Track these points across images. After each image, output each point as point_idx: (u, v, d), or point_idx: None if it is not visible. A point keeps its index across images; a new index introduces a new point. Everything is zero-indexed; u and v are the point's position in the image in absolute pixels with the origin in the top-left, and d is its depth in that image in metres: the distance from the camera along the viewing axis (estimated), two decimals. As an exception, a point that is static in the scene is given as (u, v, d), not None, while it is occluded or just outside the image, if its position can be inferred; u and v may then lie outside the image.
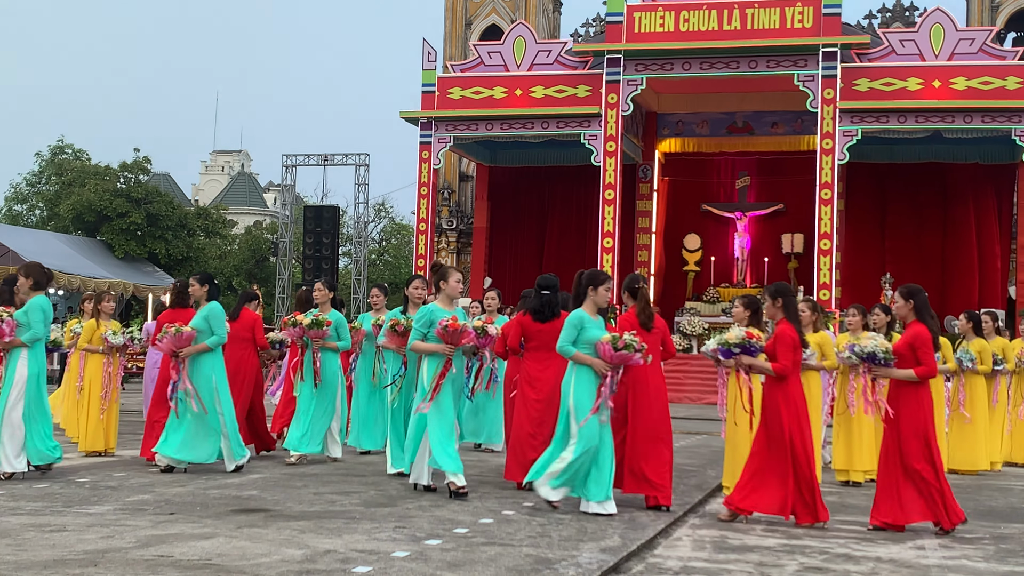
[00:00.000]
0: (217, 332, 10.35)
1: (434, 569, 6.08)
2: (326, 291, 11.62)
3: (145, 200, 39.42)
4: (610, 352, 8.31)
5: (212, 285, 10.70)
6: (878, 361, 8.41)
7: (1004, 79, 26.10)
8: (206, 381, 10.18)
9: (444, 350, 9.00)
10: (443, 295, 9.29)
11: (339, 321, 11.46)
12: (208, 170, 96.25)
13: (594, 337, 8.41)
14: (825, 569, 6.70)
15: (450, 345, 8.98)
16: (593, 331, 8.47)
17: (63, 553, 6.27)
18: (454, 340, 8.98)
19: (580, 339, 8.45)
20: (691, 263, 32.33)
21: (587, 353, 8.42)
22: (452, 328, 8.93)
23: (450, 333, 8.95)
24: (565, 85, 28.30)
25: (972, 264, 29.89)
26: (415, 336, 9.16)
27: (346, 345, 11.63)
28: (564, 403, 8.52)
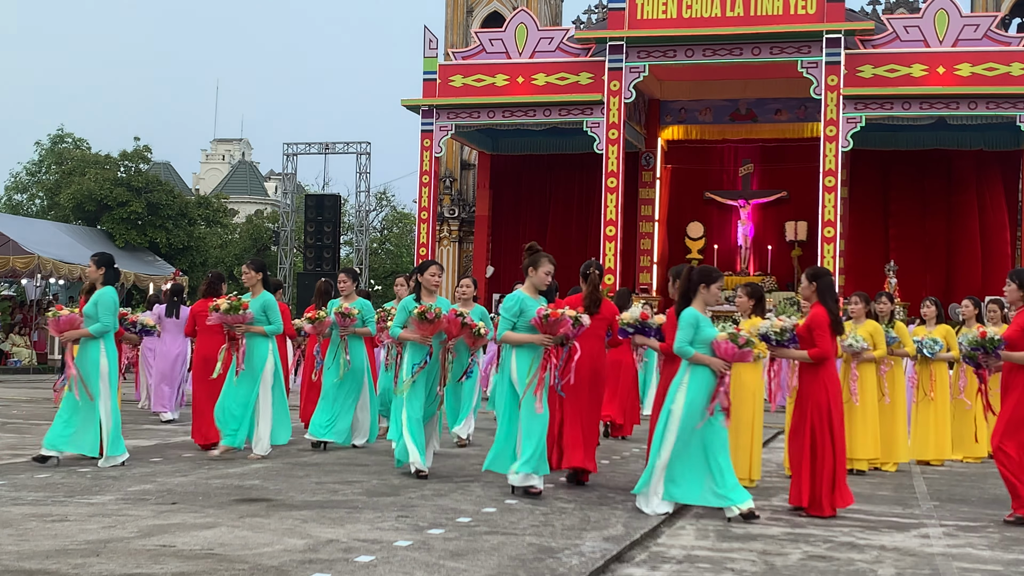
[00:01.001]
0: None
1: (437, 558, 6.06)
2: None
3: (146, 189, 39.36)
4: (732, 350, 7.98)
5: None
6: (771, 342, 8.60)
7: (1009, 65, 25.99)
8: (93, 367, 9.93)
9: (542, 340, 8.50)
10: (529, 283, 8.79)
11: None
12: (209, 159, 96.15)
13: (710, 336, 8.03)
14: (829, 557, 6.67)
15: (548, 335, 8.48)
16: (709, 330, 8.07)
17: (65, 543, 6.25)
18: (552, 330, 8.48)
19: (696, 339, 8.02)
20: (694, 251, 32.25)
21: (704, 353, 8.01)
22: (553, 318, 8.42)
23: (550, 323, 8.45)
24: (567, 72, 28.22)
25: (977, 251, 29.83)
26: (505, 326, 8.62)
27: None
28: (668, 405, 8.11)
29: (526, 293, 8.74)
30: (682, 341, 8.03)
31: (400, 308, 9.59)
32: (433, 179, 29.26)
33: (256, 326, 10.67)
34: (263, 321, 10.73)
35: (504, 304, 8.73)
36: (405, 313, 9.44)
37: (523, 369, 8.54)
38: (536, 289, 8.76)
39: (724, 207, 32.20)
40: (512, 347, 8.63)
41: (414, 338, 9.38)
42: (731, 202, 31.95)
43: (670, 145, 32.63)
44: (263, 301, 10.79)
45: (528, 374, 8.49)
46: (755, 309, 9.86)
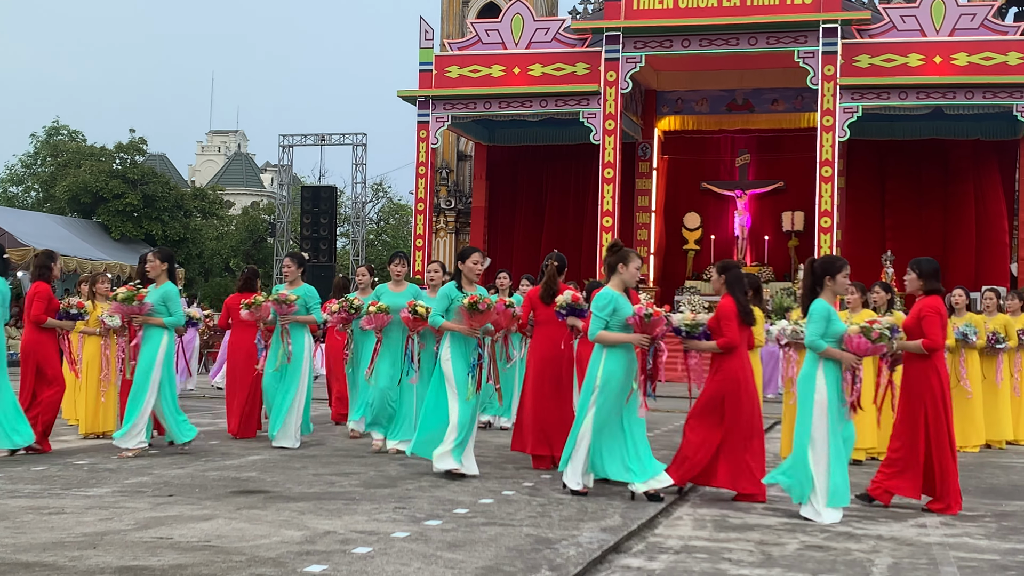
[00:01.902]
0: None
1: (434, 549, 6.05)
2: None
3: (141, 181, 39.30)
4: (864, 345, 7.73)
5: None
6: (681, 334, 8.68)
7: (1006, 54, 26.00)
8: None
9: (639, 340, 8.04)
10: (618, 279, 8.30)
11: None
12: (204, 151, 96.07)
13: (840, 330, 7.78)
14: (826, 547, 6.68)
15: (645, 336, 8.06)
16: (838, 324, 7.83)
17: (62, 536, 6.24)
18: (649, 330, 8.06)
19: (827, 332, 7.75)
20: (691, 242, 32.27)
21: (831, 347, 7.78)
22: (656, 317, 8.03)
23: (650, 323, 8.03)
24: (563, 63, 28.19)
25: (973, 240, 29.84)
26: (597, 325, 8.09)
27: None
28: (808, 403, 7.81)
29: (617, 291, 8.24)
30: (813, 335, 7.77)
31: (441, 296, 9.17)
32: (429, 170, 29.24)
33: (155, 317, 10.22)
34: (163, 312, 10.27)
35: (596, 302, 8.19)
36: (446, 301, 9.06)
37: (616, 371, 8.08)
38: (625, 284, 8.32)
39: (721, 198, 32.19)
40: (604, 347, 8.13)
41: (461, 329, 8.95)
42: (728, 192, 31.94)
43: (667, 136, 32.62)
44: (163, 292, 10.32)
45: (622, 376, 8.06)
46: (752, 299, 9.85)
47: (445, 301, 9.06)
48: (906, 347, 8.27)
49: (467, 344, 9.00)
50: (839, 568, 6.12)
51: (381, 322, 10.49)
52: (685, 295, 28.88)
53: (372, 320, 10.52)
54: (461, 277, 9.19)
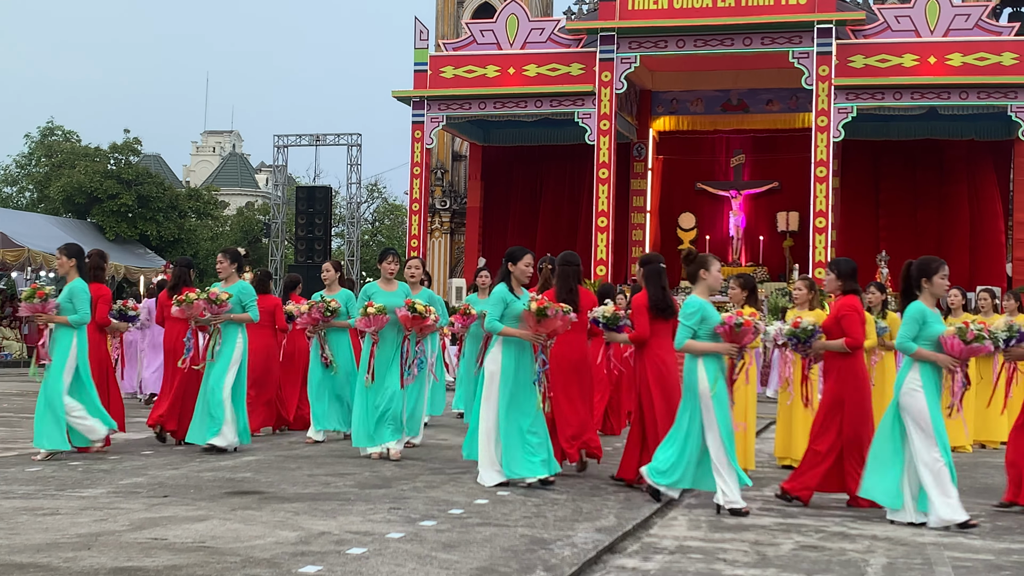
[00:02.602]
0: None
1: (429, 550, 6.05)
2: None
3: (136, 181, 39.24)
4: (959, 347, 7.54)
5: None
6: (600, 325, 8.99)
7: (1000, 55, 26.04)
8: None
9: (728, 350, 7.89)
10: (703, 285, 8.10)
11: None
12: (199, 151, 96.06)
13: (936, 332, 7.60)
14: (821, 547, 6.68)
15: (734, 345, 7.91)
16: (936, 326, 7.63)
17: (56, 537, 6.23)
18: (739, 339, 7.89)
19: (922, 335, 7.60)
20: (686, 242, 32.22)
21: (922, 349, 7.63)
22: (747, 327, 7.85)
23: (740, 332, 7.85)
24: (558, 63, 28.20)
25: (968, 241, 29.88)
26: (685, 334, 7.85)
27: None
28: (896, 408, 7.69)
29: (703, 298, 8.01)
30: (904, 337, 7.63)
31: (496, 299, 8.68)
32: (424, 171, 29.24)
33: (60, 316, 9.90)
34: (69, 310, 9.92)
35: (684, 310, 7.92)
36: (502, 305, 8.61)
37: (714, 376, 7.85)
38: (710, 289, 8.10)
39: (716, 198, 32.21)
40: (696, 356, 7.87)
41: (524, 335, 8.51)
42: (723, 193, 31.96)
43: (662, 136, 32.63)
44: (71, 289, 10.02)
45: (715, 385, 7.83)
46: (748, 300, 9.88)
47: (501, 305, 8.60)
48: (828, 347, 8.38)
49: (521, 350, 8.58)
50: (834, 568, 6.12)
51: (380, 323, 10.06)
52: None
53: (371, 322, 10.04)
54: (511, 279, 8.76)
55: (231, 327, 10.70)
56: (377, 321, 10.03)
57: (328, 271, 12.04)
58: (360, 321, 10.17)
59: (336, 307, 11.53)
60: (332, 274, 12.00)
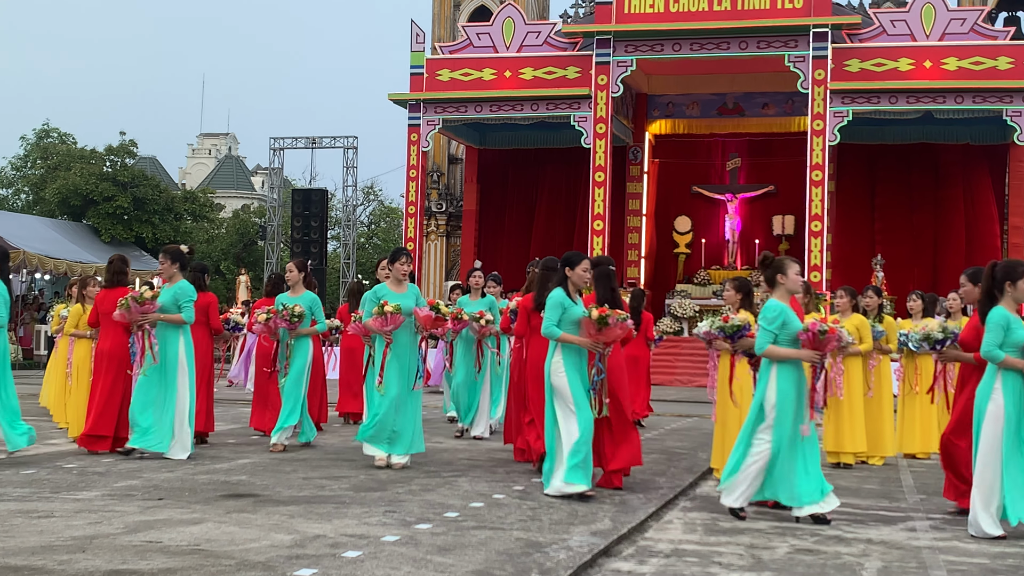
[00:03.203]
0: None
1: (424, 553, 6.05)
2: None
3: (131, 184, 39.22)
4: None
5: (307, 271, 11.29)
6: None
7: (995, 59, 26.08)
8: None
9: (810, 357, 7.64)
10: (782, 290, 7.87)
11: (182, 293, 10.38)
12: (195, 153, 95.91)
13: (1021, 339, 7.33)
14: (816, 551, 6.69)
15: (817, 352, 7.65)
16: (1020, 331, 7.36)
17: (51, 539, 6.22)
18: (823, 347, 7.64)
19: (1007, 342, 7.33)
20: (682, 245, 32.30)
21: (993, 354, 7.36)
22: (831, 333, 7.60)
23: (824, 339, 7.60)
24: (554, 67, 28.22)
25: (963, 245, 29.91)
26: (766, 339, 7.62)
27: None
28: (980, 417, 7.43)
29: (784, 303, 7.80)
30: (990, 344, 7.33)
31: (553, 305, 8.36)
32: (420, 173, 29.24)
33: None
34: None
35: (764, 314, 7.72)
36: (559, 310, 8.34)
37: (789, 390, 7.61)
38: (791, 294, 7.93)
39: (712, 201, 32.22)
40: (773, 363, 7.67)
41: (583, 342, 8.30)
42: (718, 196, 31.97)
43: (658, 139, 32.66)
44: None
45: (795, 395, 7.60)
46: (743, 303, 9.87)
47: (558, 310, 8.33)
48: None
49: (581, 357, 8.36)
50: (829, 572, 6.13)
51: (397, 323, 9.58)
52: (676, 299, 28.92)
53: (388, 321, 9.54)
54: (568, 284, 8.49)
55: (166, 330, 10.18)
56: (394, 320, 9.55)
57: (291, 272, 11.36)
58: (375, 321, 9.58)
59: (301, 312, 10.91)
60: (295, 275, 11.33)
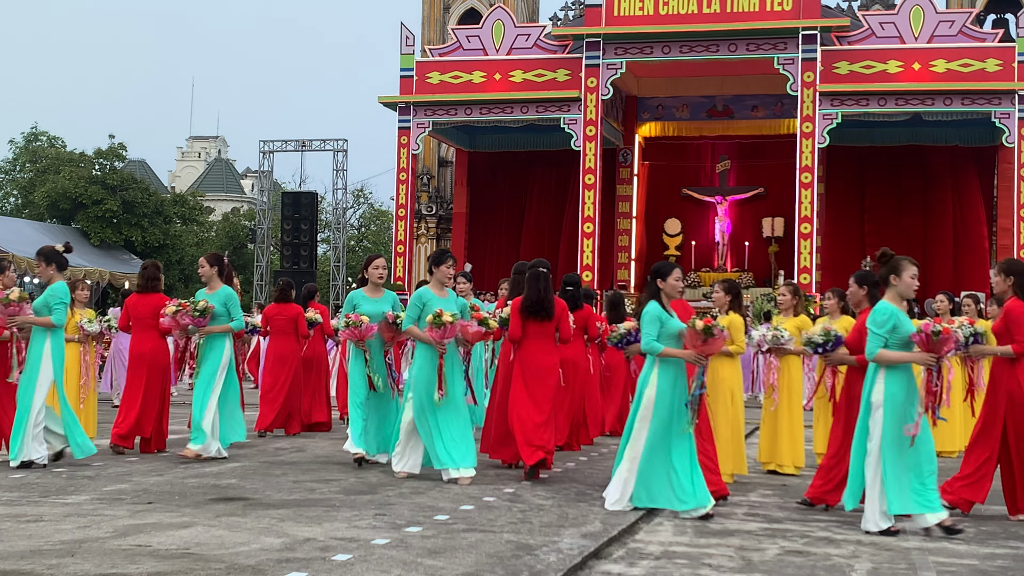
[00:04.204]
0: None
1: (414, 556, 6.04)
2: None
3: (121, 187, 39.18)
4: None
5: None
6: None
7: (984, 61, 26.17)
8: None
9: (925, 360, 7.34)
10: (893, 292, 7.55)
11: (228, 299, 10.43)
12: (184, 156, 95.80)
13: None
14: (806, 552, 6.69)
15: (932, 355, 7.35)
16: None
17: (40, 543, 6.20)
18: (938, 349, 7.34)
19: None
20: (672, 247, 32.33)
21: None
22: (946, 335, 7.31)
23: (939, 341, 7.31)
24: (544, 69, 28.22)
25: (952, 247, 30.01)
26: (876, 343, 7.35)
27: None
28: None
29: (896, 306, 7.47)
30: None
31: (651, 319, 7.95)
32: (410, 176, 29.23)
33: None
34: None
35: (874, 317, 7.43)
36: (657, 324, 7.93)
37: (898, 393, 7.36)
38: (903, 298, 7.58)
39: (701, 203, 32.27)
40: (883, 367, 7.40)
41: (687, 356, 7.86)
42: (708, 198, 32.03)
43: (647, 142, 32.69)
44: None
45: (903, 399, 7.35)
46: (732, 305, 9.90)
47: (656, 324, 7.91)
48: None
49: (679, 371, 7.96)
50: (819, 573, 6.13)
51: (452, 334, 9.06)
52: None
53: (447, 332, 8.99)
54: (661, 296, 8.10)
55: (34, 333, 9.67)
56: (451, 332, 9.02)
57: (203, 267, 10.72)
58: (434, 333, 8.95)
59: (206, 308, 10.31)
60: (207, 270, 10.65)
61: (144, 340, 10.82)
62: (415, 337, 9.23)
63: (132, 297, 11.22)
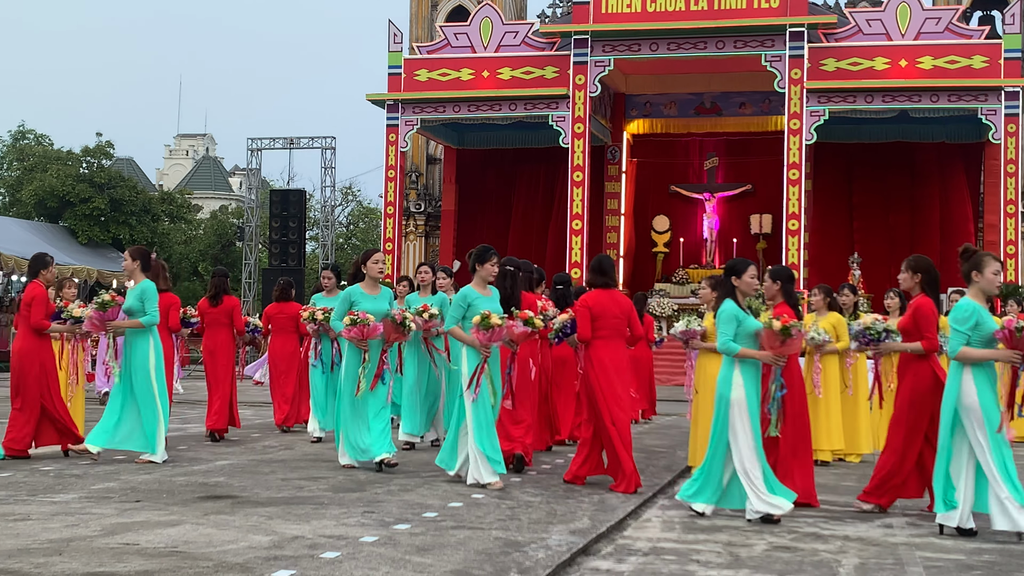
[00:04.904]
0: None
1: (403, 554, 6.04)
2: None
3: (108, 185, 39.06)
4: None
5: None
6: None
7: (970, 58, 26.24)
8: None
9: (1010, 357, 7.18)
10: (975, 288, 7.39)
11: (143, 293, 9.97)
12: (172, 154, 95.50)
13: None
14: (793, 548, 6.72)
15: (1017, 352, 7.14)
16: None
17: (27, 542, 6.19)
18: (1023, 345, 7.12)
19: None
20: (660, 244, 32.36)
21: None
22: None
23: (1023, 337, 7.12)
24: (532, 67, 28.22)
25: (939, 243, 30.09)
26: (959, 341, 7.19)
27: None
28: None
29: (978, 301, 7.32)
30: None
31: (727, 318, 7.79)
32: (399, 174, 29.20)
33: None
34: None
35: (955, 314, 7.25)
36: (735, 324, 7.77)
37: (986, 392, 7.20)
38: (986, 294, 7.40)
39: (690, 200, 32.31)
40: (966, 365, 7.23)
41: (765, 356, 7.74)
42: (696, 195, 32.07)
43: (636, 139, 32.71)
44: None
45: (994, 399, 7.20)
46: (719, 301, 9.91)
47: (733, 323, 7.75)
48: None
49: (758, 372, 7.81)
50: (806, 569, 6.16)
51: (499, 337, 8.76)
52: (654, 298, 28.97)
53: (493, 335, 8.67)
54: (736, 294, 7.96)
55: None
56: (499, 335, 8.70)
57: (126, 259, 10.38)
58: (481, 335, 8.62)
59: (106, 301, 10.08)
60: (130, 263, 10.28)
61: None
62: (459, 339, 8.82)
63: None
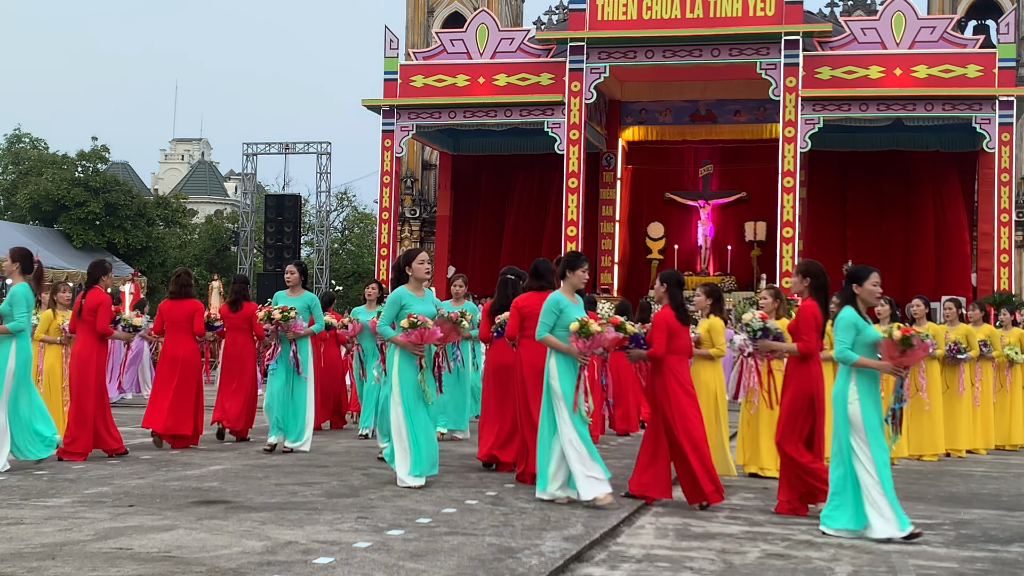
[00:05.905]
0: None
1: (396, 560, 6.04)
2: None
3: (103, 189, 39.06)
4: None
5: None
6: None
7: (965, 67, 26.31)
8: None
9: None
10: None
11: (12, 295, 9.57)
12: (168, 159, 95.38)
13: None
14: (787, 556, 6.72)
15: None
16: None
17: (20, 546, 6.18)
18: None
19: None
20: (655, 251, 32.41)
21: None
22: None
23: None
24: (528, 73, 28.26)
25: (933, 251, 30.17)
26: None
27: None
28: None
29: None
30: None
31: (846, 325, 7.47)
32: (394, 179, 29.22)
33: None
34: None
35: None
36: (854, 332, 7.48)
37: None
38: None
39: (684, 207, 32.37)
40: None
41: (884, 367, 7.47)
42: (691, 202, 32.13)
43: (631, 146, 32.77)
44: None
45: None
46: (713, 309, 9.95)
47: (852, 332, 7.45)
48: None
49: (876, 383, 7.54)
50: (799, 576, 6.16)
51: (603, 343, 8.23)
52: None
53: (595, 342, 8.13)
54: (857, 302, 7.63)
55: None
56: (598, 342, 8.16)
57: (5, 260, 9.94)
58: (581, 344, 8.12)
59: None
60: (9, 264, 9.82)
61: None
62: (555, 348, 8.26)
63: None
